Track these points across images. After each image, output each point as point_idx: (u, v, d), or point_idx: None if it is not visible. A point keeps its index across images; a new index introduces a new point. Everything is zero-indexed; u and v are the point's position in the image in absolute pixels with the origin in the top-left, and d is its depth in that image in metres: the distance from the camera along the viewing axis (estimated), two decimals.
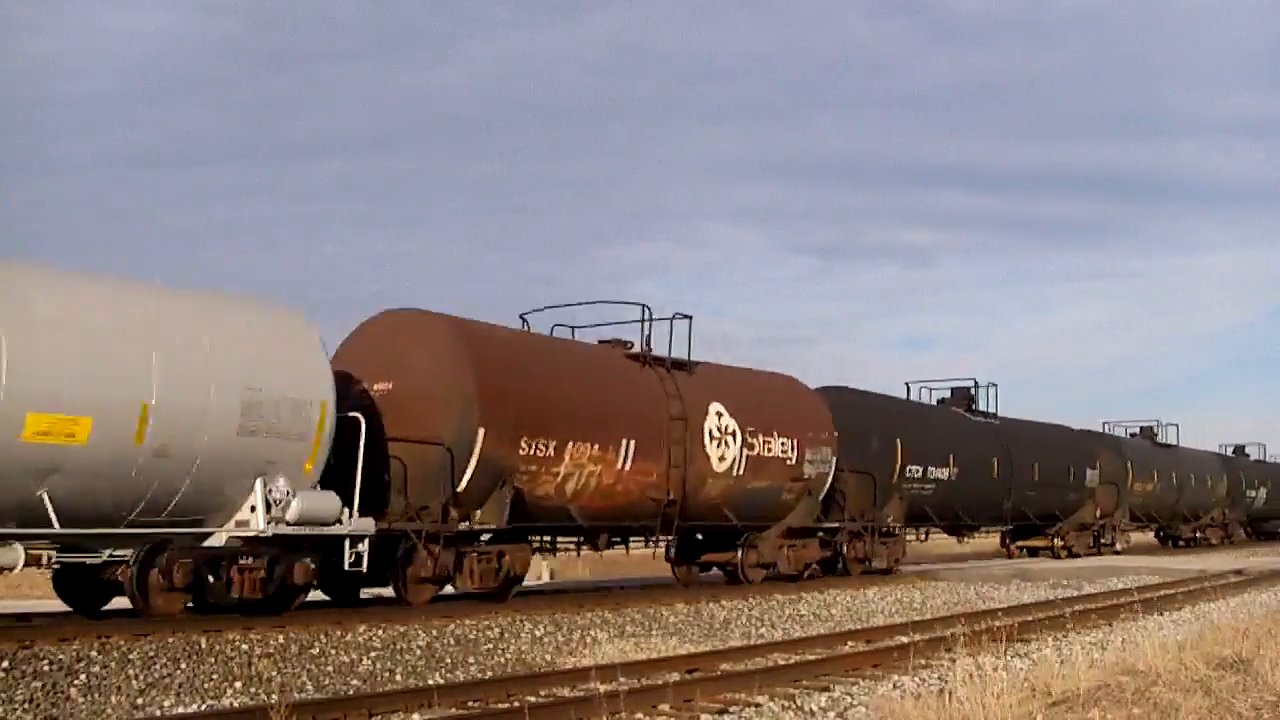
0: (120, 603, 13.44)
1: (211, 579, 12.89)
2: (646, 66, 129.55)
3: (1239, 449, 53.03)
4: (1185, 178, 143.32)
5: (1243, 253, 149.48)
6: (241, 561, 13.00)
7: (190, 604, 13.14)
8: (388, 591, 15.88)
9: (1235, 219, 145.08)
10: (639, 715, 9.79)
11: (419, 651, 12.98)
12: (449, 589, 16.28)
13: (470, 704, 10.09)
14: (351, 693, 11.06)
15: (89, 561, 12.51)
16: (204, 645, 11.80)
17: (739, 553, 20.95)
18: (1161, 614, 18.36)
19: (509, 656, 13.51)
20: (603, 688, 9.71)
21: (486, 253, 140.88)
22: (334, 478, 13.97)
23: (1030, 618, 16.82)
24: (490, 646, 13.71)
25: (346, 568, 13.96)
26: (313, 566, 13.73)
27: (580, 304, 19.84)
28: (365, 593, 16.29)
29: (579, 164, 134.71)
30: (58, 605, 14.23)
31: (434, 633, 13.73)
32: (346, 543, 13.85)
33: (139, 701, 10.28)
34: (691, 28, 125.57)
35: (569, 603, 16.86)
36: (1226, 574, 27.27)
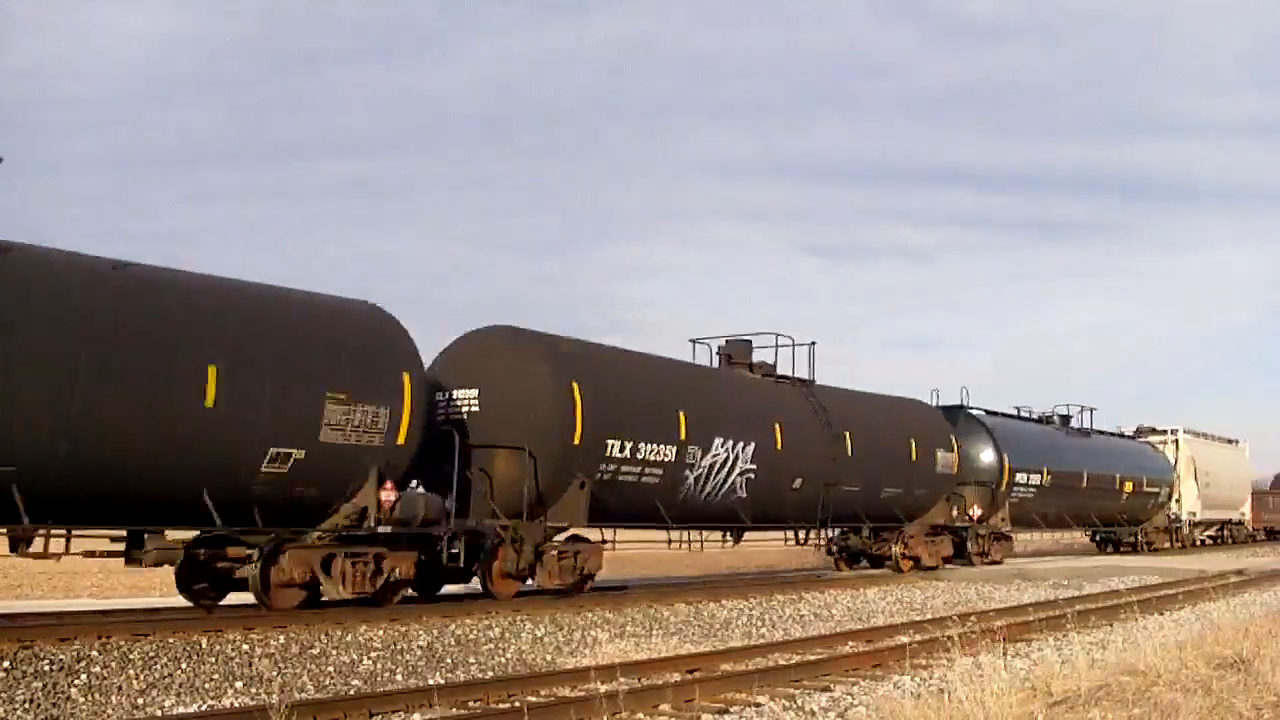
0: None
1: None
2: (651, 68, 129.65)
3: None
4: (1187, 178, 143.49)
5: (1244, 252, 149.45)
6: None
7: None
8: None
9: (1237, 219, 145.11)
10: (639, 715, 9.79)
11: (419, 651, 12.98)
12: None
13: (470, 704, 10.10)
14: (352, 693, 11.06)
15: None
16: (204, 645, 11.79)
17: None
18: (1162, 614, 18.35)
19: (509, 656, 13.51)
20: (603, 688, 9.70)
21: (489, 252, 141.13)
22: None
23: (1030, 618, 16.82)
24: (490, 646, 13.71)
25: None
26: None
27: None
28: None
29: (583, 164, 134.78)
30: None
31: (434, 633, 13.72)
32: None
33: (139, 701, 10.27)
34: (697, 29, 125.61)
35: (569, 603, 16.85)
36: (1227, 574, 27.27)
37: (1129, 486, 37.14)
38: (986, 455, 29.23)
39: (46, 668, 10.48)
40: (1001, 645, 13.51)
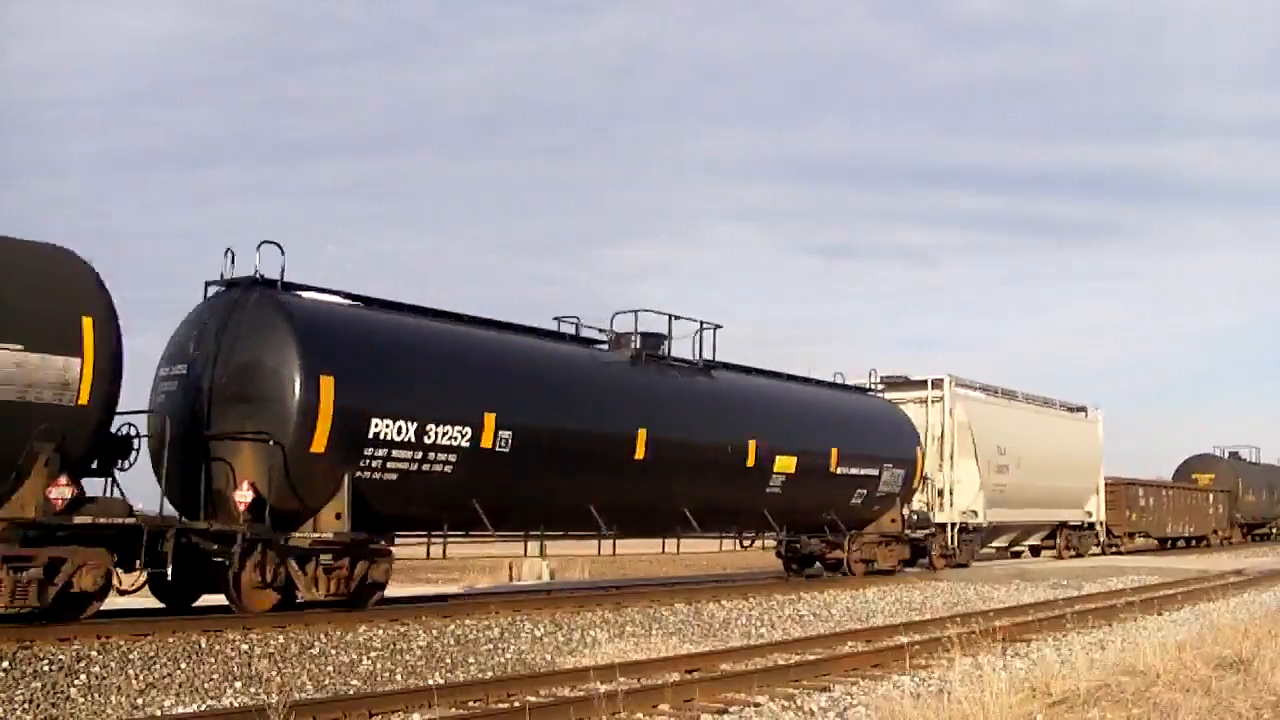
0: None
1: None
2: (653, 68, 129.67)
3: None
4: (1187, 178, 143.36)
5: (1244, 253, 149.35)
6: None
7: None
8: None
9: (1237, 219, 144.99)
10: (639, 715, 9.79)
11: (419, 651, 12.98)
12: None
13: (470, 704, 10.10)
14: (351, 693, 11.06)
15: None
16: (204, 645, 11.79)
17: None
18: (1161, 614, 18.36)
19: (509, 656, 13.51)
20: (602, 687, 9.70)
21: (491, 253, 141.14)
22: None
23: (1030, 618, 16.83)
24: (490, 646, 13.71)
25: None
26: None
27: None
28: None
29: (584, 164, 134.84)
30: None
31: (434, 633, 13.72)
32: None
33: (139, 701, 10.28)
34: (698, 29, 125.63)
35: (569, 603, 16.85)
36: (1226, 574, 27.32)
37: (788, 464, 20.46)
38: (279, 377, 13.69)
39: (46, 668, 10.48)
40: (1001, 645, 13.52)
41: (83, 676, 10.47)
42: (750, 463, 20.04)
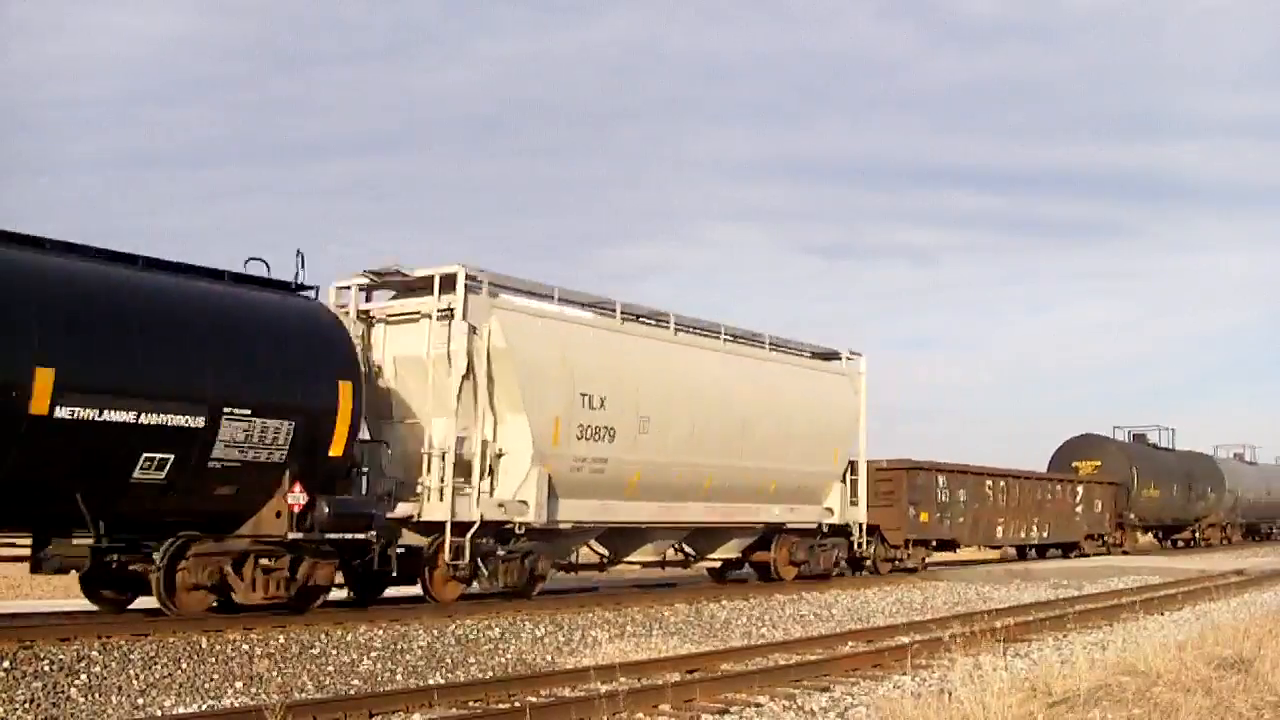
0: None
1: None
2: (655, 68, 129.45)
3: None
4: (1188, 179, 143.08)
5: (1245, 253, 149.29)
6: None
7: None
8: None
9: (1238, 220, 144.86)
10: (639, 715, 9.79)
11: (419, 651, 12.98)
12: None
13: (471, 704, 10.10)
14: (352, 693, 11.06)
15: None
16: (205, 645, 11.79)
17: None
18: (1162, 614, 18.37)
19: (509, 656, 13.51)
20: (603, 688, 9.70)
21: (492, 253, 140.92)
22: None
23: (1030, 618, 16.83)
24: (490, 646, 13.71)
25: None
26: None
27: None
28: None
29: (585, 165, 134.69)
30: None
31: (434, 633, 13.73)
32: None
33: (139, 701, 10.27)
34: (700, 29, 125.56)
35: (569, 603, 16.85)
36: (1227, 574, 27.35)
37: None
38: None
39: (46, 668, 10.48)
40: (1001, 645, 13.52)
41: (83, 676, 10.47)
42: None
